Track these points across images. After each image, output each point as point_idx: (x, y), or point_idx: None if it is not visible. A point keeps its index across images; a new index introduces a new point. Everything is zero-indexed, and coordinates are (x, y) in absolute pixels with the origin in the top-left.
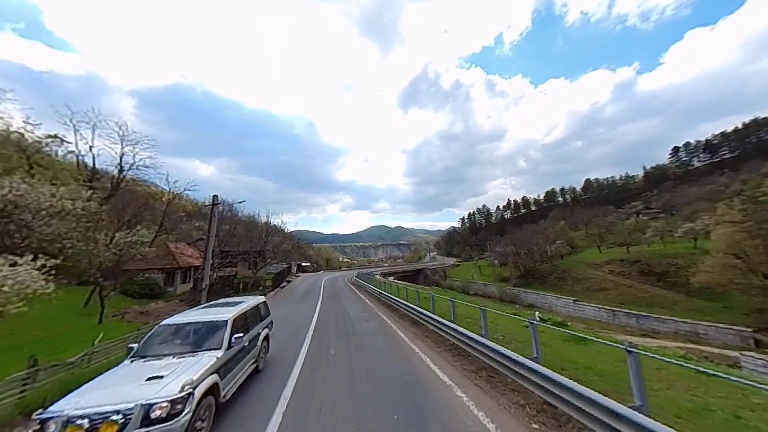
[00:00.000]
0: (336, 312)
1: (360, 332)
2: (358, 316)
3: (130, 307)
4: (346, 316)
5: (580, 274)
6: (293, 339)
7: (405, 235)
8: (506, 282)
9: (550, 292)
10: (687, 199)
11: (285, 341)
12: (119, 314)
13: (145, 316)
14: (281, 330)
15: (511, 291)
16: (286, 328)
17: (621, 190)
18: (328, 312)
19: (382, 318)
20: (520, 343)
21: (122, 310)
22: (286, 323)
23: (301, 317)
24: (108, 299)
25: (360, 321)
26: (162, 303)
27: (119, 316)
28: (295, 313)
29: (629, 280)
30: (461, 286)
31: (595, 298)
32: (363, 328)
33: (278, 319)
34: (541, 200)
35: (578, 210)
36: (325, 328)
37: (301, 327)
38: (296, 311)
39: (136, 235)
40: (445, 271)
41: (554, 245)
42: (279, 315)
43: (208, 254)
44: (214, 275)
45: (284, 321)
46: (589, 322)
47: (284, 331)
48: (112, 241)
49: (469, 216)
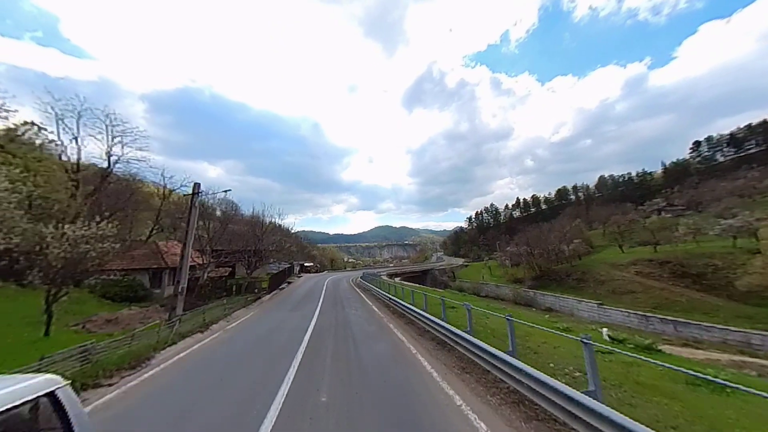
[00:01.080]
0: (336, 325)
1: (367, 359)
2: (364, 331)
3: (97, 314)
4: (348, 331)
5: (602, 275)
6: (270, 373)
7: (410, 235)
8: (520, 283)
9: (569, 294)
10: (716, 195)
11: (260, 376)
12: (81, 323)
13: (112, 325)
14: (260, 353)
15: (526, 293)
16: (265, 351)
17: (638, 187)
18: (326, 325)
19: (396, 336)
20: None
21: (88, 317)
22: (268, 342)
23: (291, 333)
24: (61, 304)
25: (366, 340)
26: (137, 308)
27: (80, 326)
28: (285, 325)
29: (660, 282)
30: (471, 288)
31: (622, 301)
32: (371, 352)
33: (262, 335)
34: (552, 198)
35: (594, 208)
36: (318, 351)
37: (286, 349)
38: (287, 323)
39: (92, 228)
40: (454, 271)
41: (572, 244)
42: (263, 329)
43: (187, 251)
44: (205, 276)
45: (268, 338)
46: (618, 328)
47: (262, 356)
48: (63, 236)
49: (476, 215)
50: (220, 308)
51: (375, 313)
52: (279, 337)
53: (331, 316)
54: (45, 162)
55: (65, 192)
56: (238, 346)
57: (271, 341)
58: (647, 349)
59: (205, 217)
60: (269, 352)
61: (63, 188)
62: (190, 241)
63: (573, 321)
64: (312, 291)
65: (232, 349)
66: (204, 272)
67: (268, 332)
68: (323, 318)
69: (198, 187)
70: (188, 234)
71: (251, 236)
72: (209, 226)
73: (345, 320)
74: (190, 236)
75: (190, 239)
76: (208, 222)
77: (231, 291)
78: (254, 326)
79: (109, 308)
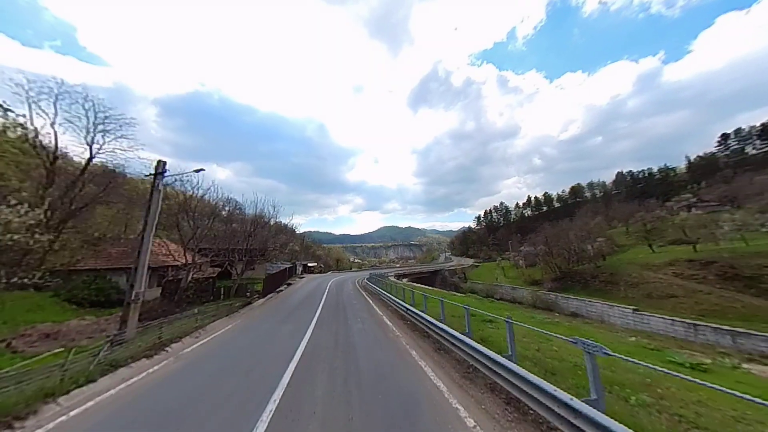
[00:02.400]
0: (335, 347)
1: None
2: (375, 363)
3: (35, 325)
4: (351, 360)
5: (634, 277)
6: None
7: (416, 235)
8: (538, 285)
9: (596, 297)
10: (755, 189)
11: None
12: (8, 339)
13: (50, 341)
14: (210, 408)
15: (546, 296)
16: (219, 402)
17: (660, 183)
18: (322, 346)
19: (428, 379)
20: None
21: (26, 328)
22: (232, 380)
23: (269, 362)
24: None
25: (380, 381)
26: (92, 318)
27: (5, 342)
28: (266, 347)
29: (705, 285)
30: (485, 290)
31: (662, 307)
32: (387, 409)
33: (226, 367)
34: (566, 196)
35: (615, 205)
36: (299, 407)
37: (253, 398)
38: (270, 342)
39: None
40: (465, 272)
41: (596, 243)
42: (233, 354)
43: (145, 247)
44: (189, 278)
45: (232, 371)
46: (659, 338)
47: (210, 418)
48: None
49: (485, 214)
50: (194, 318)
51: (387, 328)
52: (251, 369)
53: (329, 333)
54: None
55: (23, 176)
56: (185, 387)
57: (234, 380)
58: None
59: (195, 212)
60: (226, 404)
61: (22, 173)
62: (149, 234)
63: (608, 329)
64: (312, 295)
65: (174, 395)
66: (187, 273)
67: (236, 359)
68: (319, 335)
69: (162, 166)
70: (147, 224)
71: (241, 233)
72: (193, 215)
73: (347, 340)
74: (149, 227)
75: (150, 231)
76: (192, 213)
77: (219, 295)
78: (225, 347)
79: (71, 315)
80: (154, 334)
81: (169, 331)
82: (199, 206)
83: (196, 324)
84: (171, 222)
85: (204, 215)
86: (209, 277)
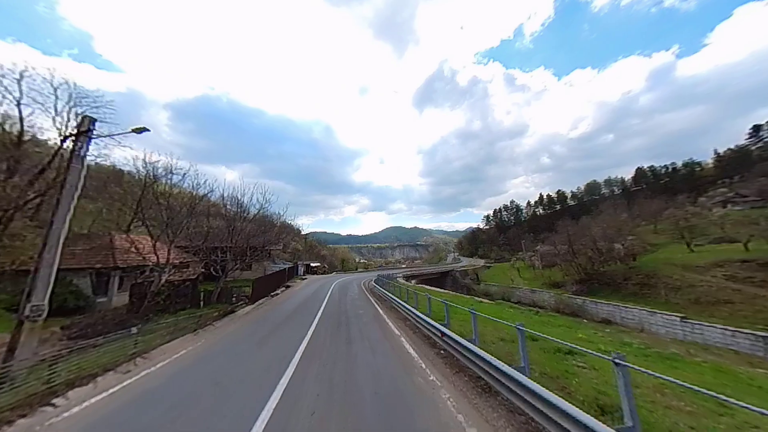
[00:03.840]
0: (330, 396)
1: None
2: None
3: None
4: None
5: (676, 279)
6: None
7: (422, 235)
8: (560, 288)
9: (630, 302)
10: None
11: None
12: None
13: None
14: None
15: (572, 300)
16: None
17: (686, 179)
18: (306, 401)
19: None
20: None
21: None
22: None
23: (230, 419)
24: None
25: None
26: (6, 333)
27: None
28: (224, 393)
29: (766, 289)
30: (500, 293)
31: (714, 314)
32: None
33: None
34: (581, 193)
35: (641, 201)
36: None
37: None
38: (236, 378)
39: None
40: (477, 273)
41: (626, 241)
42: (169, 404)
43: (53, 239)
44: (161, 281)
45: None
46: (720, 351)
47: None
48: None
49: (494, 213)
50: (133, 340)
51: (412, 362)
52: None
53: (321, 371)
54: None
55: None
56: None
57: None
58: None
59: (168, 200)
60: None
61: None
62: (62, 220)
63: (651, 339)
64: (311, 300)
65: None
66: (160, 275)
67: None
68: (305, 377)
69: (89, 124)
70: (60, 205)
71: (225, 230)
72: (167, 205)
73: (350, 387)
74: (63, 210)
75: (65, 215)
76: (166, 203)
77: (199, 300)
78: (152, 399)
79: (7, 327)
80: (61, 367)
81: (89, 361)
82: (180, 196)
83: (134, 348)
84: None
85: (183, 206)
86: (187, 279)
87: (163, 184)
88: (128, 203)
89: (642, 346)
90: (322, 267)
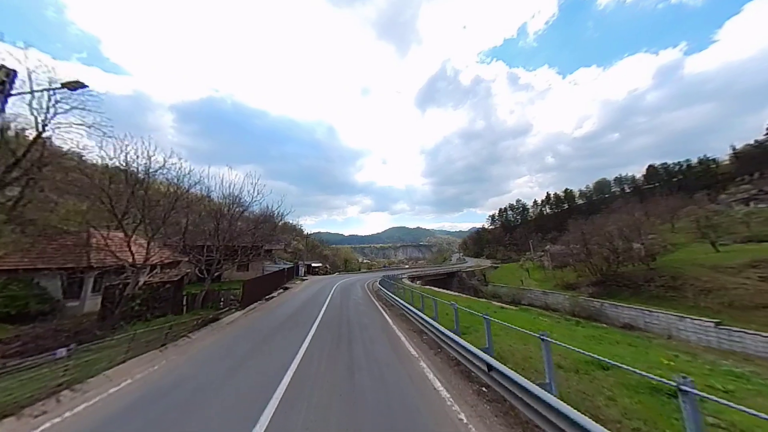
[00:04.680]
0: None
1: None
2: None
3: None
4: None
5: (705, 281)
6: None
7: (425, 236)
8: (574, 290)
9: (653, 306)
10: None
11: None
12: None
13: None
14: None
15: (588, 303)
16: None
17: (702, 176)
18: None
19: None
20: None
21: None
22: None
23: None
24: None
25: None
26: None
27: None
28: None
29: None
30: (509, 294)
31: (752, 320)
32: None
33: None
34: (589, 192)
35: (656, 199)
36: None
37: None
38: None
39: None
40: (484, 274)
41: (647, 240)
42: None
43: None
44: (140, 282)
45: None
46: (760, 362)
47: None
48: None
49: (499, 213)
50: (63, 367)
51: (444, 408)
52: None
53: (315, 412)
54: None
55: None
56: None
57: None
58: None
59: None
60: None
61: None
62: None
63: (685, 347)
64: (309, 305)
65: None
66: (135, 276)
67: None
68: (293, 418)
69: (11, 76)
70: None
71: (212, 226)
72: (145, 197)
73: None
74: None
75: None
76: (144, 192)
77: (182, 305)
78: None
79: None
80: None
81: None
82: (160, 187)
83: (62, 377)
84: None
85: (163, 197)
86: (169, 281)
87: (138, 171)
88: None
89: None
90: (324, 267)
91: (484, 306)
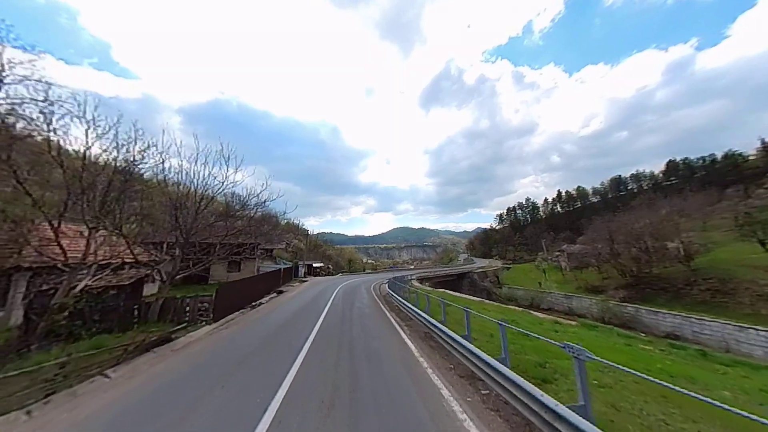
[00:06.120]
0: None
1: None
2: None
3: None
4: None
5: (763, 285)
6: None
7: (429, 236)
8: (599, 293)
9: (700, 312)
10: None
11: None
12: None
13: None
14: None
15: (621, 309)
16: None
17: (728, 171)
18: None
19: None
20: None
21: None
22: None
23: None
24: None
25: None
26: None
27: None
28: None
29: None
30: (527, 297)
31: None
32: None
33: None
34: (603, 190)
35: (685, 195)
36: None
37: None
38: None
39: None
40: (498, 275)
41: (685, 239)
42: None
43: None
44: (79, 287)
45: None
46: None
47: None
48: None
49: (508, 212)
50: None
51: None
52: None
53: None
54: None
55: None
56: None
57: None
58: None
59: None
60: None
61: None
62: None
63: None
64: (303, 316)
65: None
66: (69, 279)
67: None
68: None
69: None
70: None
71: (171, 218)
72: (81, 174)
73: None
74: None
75: None
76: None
77: (132, 317)
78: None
79: None
80: None
81: None
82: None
83: None
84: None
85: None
86: (116, 286)
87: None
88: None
89: None
90: (326, 267)
91: (532, 321)
